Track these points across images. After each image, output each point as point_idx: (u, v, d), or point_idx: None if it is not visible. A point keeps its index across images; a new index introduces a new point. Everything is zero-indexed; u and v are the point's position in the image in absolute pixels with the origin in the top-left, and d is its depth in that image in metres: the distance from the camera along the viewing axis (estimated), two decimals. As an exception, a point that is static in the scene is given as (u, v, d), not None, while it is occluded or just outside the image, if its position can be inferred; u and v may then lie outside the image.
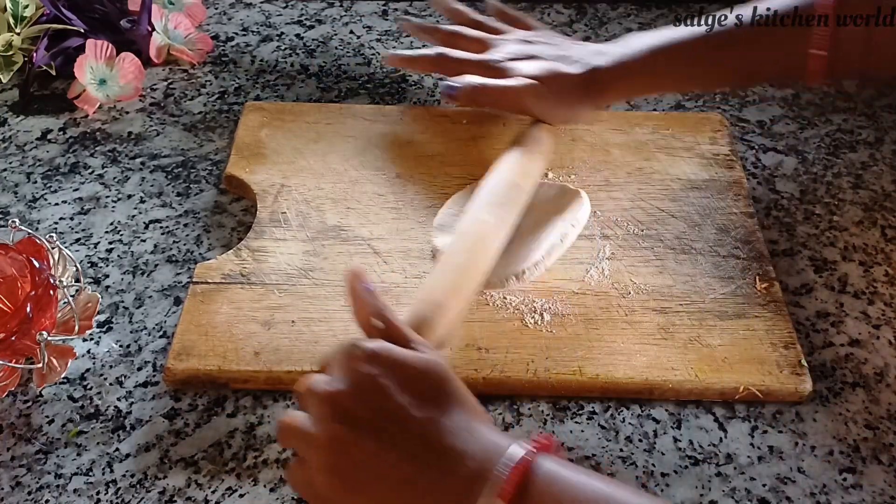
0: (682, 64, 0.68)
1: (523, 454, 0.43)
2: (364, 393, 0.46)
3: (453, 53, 0.75)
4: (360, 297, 0.51)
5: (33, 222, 0.71)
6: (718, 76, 0.71)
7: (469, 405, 0.46)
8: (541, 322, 0.62)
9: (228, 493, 0.54)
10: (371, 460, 0.44)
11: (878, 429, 0.58)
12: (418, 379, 0.46)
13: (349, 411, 0.46)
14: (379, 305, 0.51)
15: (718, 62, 0.68)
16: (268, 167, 0.74)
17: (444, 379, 0.47)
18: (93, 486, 0.55)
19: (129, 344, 0.63)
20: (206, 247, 0.70)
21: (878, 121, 0.82)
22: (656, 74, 0.69)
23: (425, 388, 0.46)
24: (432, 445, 0.44)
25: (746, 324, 0.62)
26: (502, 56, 0.73)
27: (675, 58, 0.68)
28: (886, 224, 0.72)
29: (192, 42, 0.88)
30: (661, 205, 0.71)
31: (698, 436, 0.58)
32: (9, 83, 0.85)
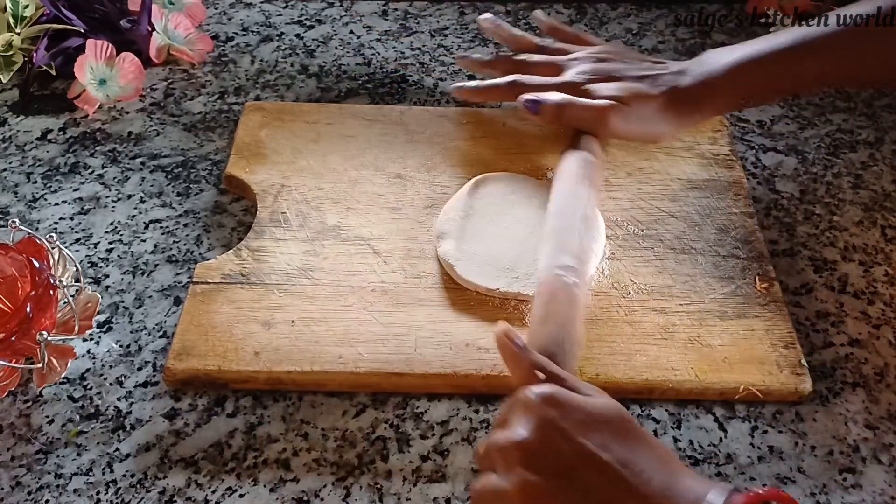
0: (767, 76, 0.67)
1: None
2: (548, 436, 0.45)
3: (528, 79, 0.72)
4: (514, 354, 0.51)
5: (33, 222, 0.71)
6: (804, 84, 0.71)
7: (656, 446, 0.46)
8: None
9: (228, 493, 0.54)
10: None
11: (878, 429, 0.58)
12: (600, 421, 0.46)
13: (536, 457, 0.45)
14: (536, 359, 0.50)
15: (803, 71, 0.67)
16: (268, 167, 0.74)
17: (626, 420, 0.46)
18: (93, 486, 0.55)
19: (129, 344, 0.63)
20: (206, 247, 0.70)
21: (878, 121, 0.82)
22: (743, 89, 0.68)
23: (608, 430, 0.45)
24: (623, 486, 0.44)
25: (746, 324, 0.62)
26: (579, 77, 0.71)
27: (759, 71, 0.67)
28: (886, 224, 0.72)
29: (192, 42, 0.88)
30: (661, 205, 0.71)
31: (698, 436, 0.58)
32: (9, 83, 0.85)
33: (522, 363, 0.50)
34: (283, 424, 0.58)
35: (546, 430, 0.46)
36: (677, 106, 0.68)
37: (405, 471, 0.56)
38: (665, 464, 0.45)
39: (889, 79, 0.78)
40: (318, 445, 0.57)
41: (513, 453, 0.46)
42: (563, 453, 0.45)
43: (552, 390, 0.47)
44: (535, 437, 0.46)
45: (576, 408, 0.46)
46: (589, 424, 0.45)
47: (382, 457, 0.56)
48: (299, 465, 0.56)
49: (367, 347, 0.60)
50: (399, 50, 0.91)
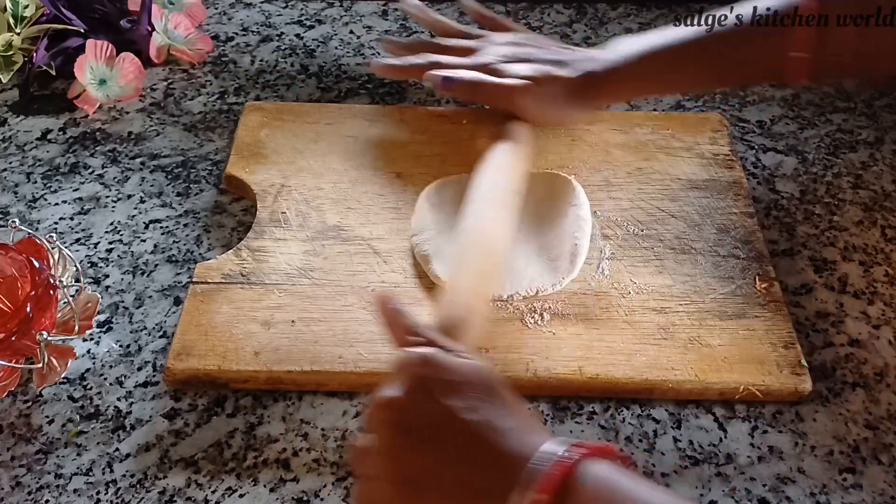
0: (672, 67, 0.69)
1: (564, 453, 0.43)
2: (418, 397, 0.46)
3: (445, 60, 0.75)
4: (393, 318, 0.52)
5: (33, 222, 0.71)
6: (707, 78, 0.72)
7: (517, 408, 0.47)
8: (541, 322, 0.62)
9: (228, 493, 0.54)
10: (429, 465, 0.45)
11: (878, 429, 0.58)
12: (469, 383, 0.47)
13: (403, 415, 0.46)
14: (413, 322, 0.52)
15: (706, 65, 0.68)
16: (268, 167, 0.74)
17: (492, 383, 0.47)
18: (93, 486, 0.55)
19: (129, 344, 0.63)
20: (206, 247, 0.70)
21: (878, 121, 0.82)
22: (647, 79, 0.70)
23: (476, 392, 0.46)
24: (483, 447, 0.44)
25: (746, 324, 0.62)
26: (494, 58, 0.73)
27: (664, 62, 0.68)
28: (886, 224, 0.72)
29: (192, 42, 0.88)
30: (661, 205, 0.71)
31: (698, 436, 0.58)
32: (9, 83, 0.85)
33: (398, 327, 0.52)
34: (283, 424, 0.58)
35: (415, 389, 0.47)
36: (585, 90, 0.70)
37: (405, 471, 0.56)
38: (526, 428, 0.46)
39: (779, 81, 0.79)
40: (318, 445, 0.57)
41: (382, 411, 0.47)
42: (429, 412, 0.46)
43: (426, 352, 0.48)
44: (404, 395, 0.47)
45: (447, 369, 0.47)
46: (458, 385, 0.46)
47: (382, 457, 0.56)
48: (299, 465, 0.56)
49: (367, 347, 0.60)
50: (399, 50, 0.91)
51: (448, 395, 0.46)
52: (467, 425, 0.45)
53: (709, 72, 0.69)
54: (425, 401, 0.46)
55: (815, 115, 0.83)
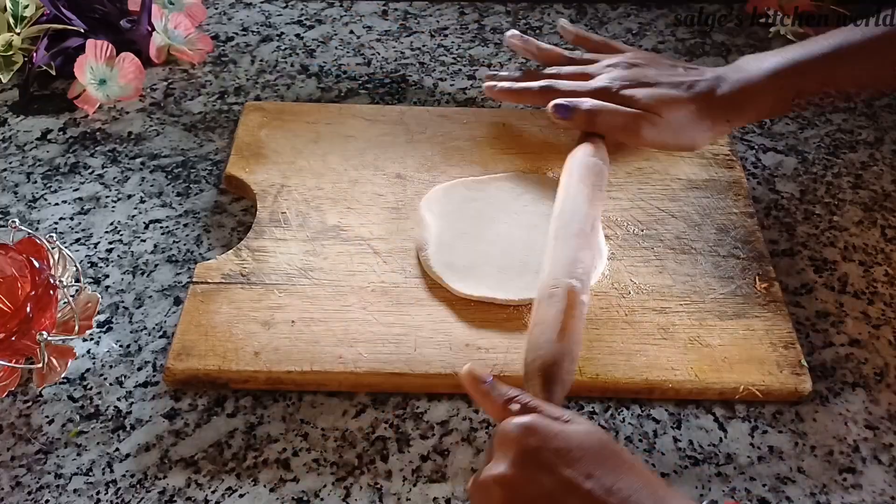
0: (805, 82, 0.67)
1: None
2: (529, 469, 0.45)
3: (561, 84, 0.71)
4: (484, 392, 0.50)
5: (33, 222, 0.71)
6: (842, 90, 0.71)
7: (640, 470, 0.45)
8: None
9: (228, 493, 0.54)
10: None
11: (878, 429, 0.58)
12: (581, 448, 0.45)
13: (517, 490, 0.45)
14: (509, 393, 0.50)
15: (841, 77, 0.67)
16: (268, 167, 0.74)
17: (608, 446, 0.46)
18: (93, 486, 0.55)
19: (129, 344, 0.63)
20: (206, 247, 0.70)
21: (878, 121, 0.82)
22: (780, 96, 0.67)
23: (590, 458, 0.45)
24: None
25: (746, 324, 0.62)
26: (613, 83, 0.69)
27: (797, 78, 0.66)
28: (886, 224, 0.72)
29: (192, 42, 0.88)
30: (661, 205, 0.71)
31: (698, 436, 0.58)
32: (9, 83, 0.85)
33: (495, 399, 0.50)
34: (283, 424, 0.58)
35: (525, 461, 0.45)
36: (712, 112, 0.67)
37: (405, 471, 0.56)
38: (650, 486, 0.44)
39: None
40: (318, 445, 0.57)
41: (494, 489, 0.45)
42: (543, 484, 0.44)
43: (531, 420, 0.46)
44: (515, 470, 0.45)
45: (555, 436, 0.45)
46: (570, 452, 0.45)
47: (382, 457, 0.56)
48: (299, 465, 0.56)
49: (367, 347, 0.60)
50: (399, 50, 0.91)
51: (561, 464, 0.44)
52: (588, 494, 0.43)
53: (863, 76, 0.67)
54: (537, 474, 0.44)
55: (815, 115, 0.83)
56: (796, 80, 0.66)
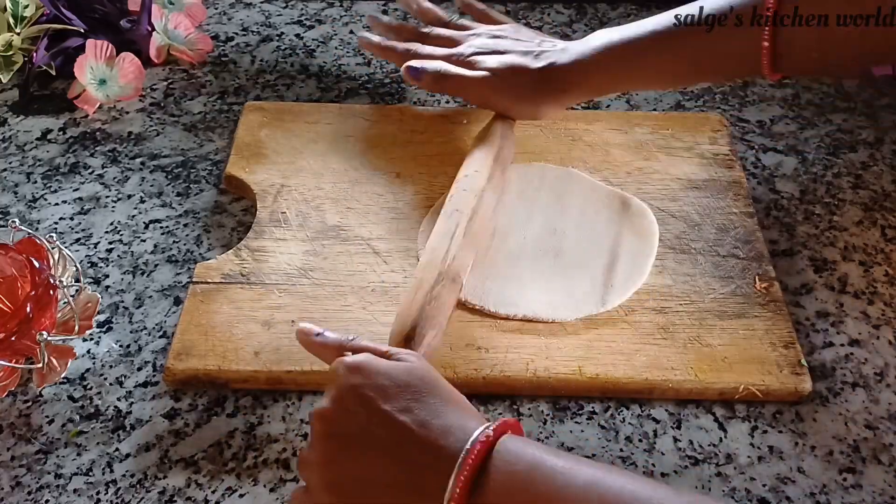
0: (634, 62, 0.67)
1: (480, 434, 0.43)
2: (349, 406, 0.47)
3: (422, 49, 0.75)
4: (319, 344, 0.53)
5: (33, 222, 0.71)
6: (674, 72, 0.69)
7: (454, 404, 0.47)
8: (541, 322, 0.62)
9: (228, 493, 0.54)
10: (362, 470, 0.46)
11: (878, 429, 0.58)
12: (400, 385, 0.47)
13: (337, 426, 0.47)
14: (340, 340, 0.52)
15: (669, 59, 0.67)
16: (268, 167, 0.74)
17: (426, 381, 0.47)
18: (93, 486, 0.55)
19: (129, 344, 0.63)
20: (206, 247, 0.70)
21: (878, 121, 0.82)
22: (610, 72, 0.68)
23: (409, 393, 0.46)
24: (418, 446, 0.45)
25: (746, 323, 0.62)
26: (470, 50, 0.73)
27: (627, 56, 0.67)
28: (886, 224, 0.72)
29: (192, 42, 0.88)
30: (661, 205, 0.71)
31: (698, 436, 0.58)
32: (9, 83, 0.85)
33: (326, 348, 0.52)
34: (283, 424, 0.58)
35: (345, 397, 0.47)
36: (550, 83, 0.69)
37: (405, 471, 0.56)
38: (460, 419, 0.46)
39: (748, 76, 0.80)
40: (318, 445, 0.57)
41: (315, 423, 0.48)
42: (359, 418, 0.46)
43: (357, 359, 0.49)
44: (335, 405, 0.47)
45: (378, 373, 0.47)
46: (389, 388, 0.46)
47: (382, 457, 0.56)
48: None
49: (367, 347, 0.60)
50: (399, 50, 0.91)
51: (379, 399, 0.46)
52: (401, 427, 0.45)
53: (675, 65, 0.67)
54: (355, 408, 0.47)
55: (815, 115, 0.83)
56: (623, 60, 0.67)
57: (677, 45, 0.65)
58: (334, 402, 0.48)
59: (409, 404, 0.46)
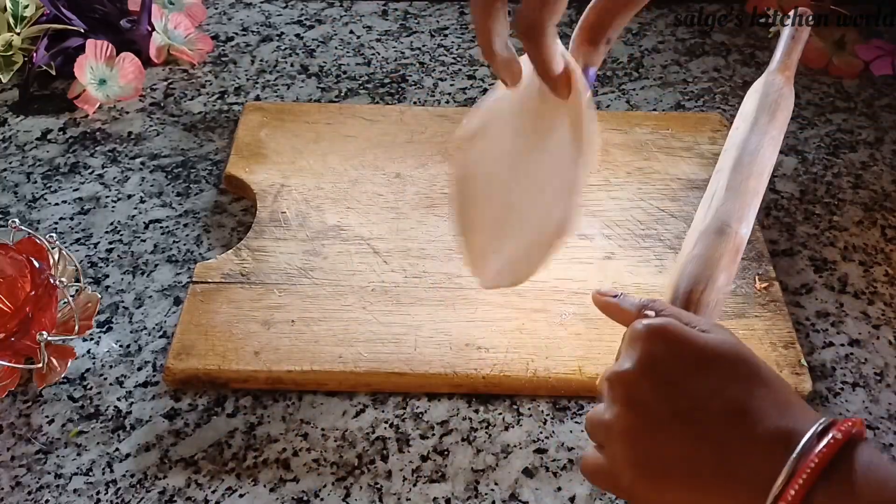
0: None
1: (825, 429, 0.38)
2: (653, 375, 0.42)
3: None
4: (619, 308, 0.48)
5: (33, 222, 0.71)
6: None
7: (777, 387, 0.42)
8: (541, 322, 0.62)
9: (228, 493, 0.54)
10: (673, 451, 0.41)
11: (878, 429, 0.58)
12: (712, 359, 0.42)
13: (640, 396, 0.42)
14: (641, 302, 0.47)
15: None
16: (268, 167, 0.74)
17: (742, 359, 0.42)
18: (93, 486, 0.55)
19: (129, 344, 0.63)
20: (206, 247, 0.70)
21: (878, 121, 0.82)
22: None
23: (722, 371, 0.42)
24: (736, 432, 0.40)
25: (746, 323, 0.62)
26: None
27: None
28: (886, 224, 0.72)
29: (192, 42, 0.88)
30: (661, 205, 0.71)
31: (698, 436, 0.58)
32: (9, 83, 0.85)
33: (628, 310, 0.47)
34: (283, 424, 0.58)
35: (650, 366, 0.42)
36: None
37: (405, 471, 0.56)
38: (783, 405, 0.41)
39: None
40: (318, 445, 0.57)
41: (616, 387, 0.43)
42: (667, 396, 0.41)
43: (662, 321, 0.43)
44: (638, 371, 0.42)
45: (686, 342, 0.42)
46: (699, 363, 0.42)
47: (382, 457, 0.56)
48: (299, 465, 0.56)
49: (366, 347, 0.60)
50: (399, 50, 0.91)
51: (691, 374, 0.41)
52: (715, 414, 0.40)
53: None
54: (664, 382, 0.42)
55: (815, 115, 0.83)
56: None
57: None
58: (639, 367, 0.42)
59: (724, 384, 0.41)
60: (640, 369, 0.42)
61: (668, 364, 0.42)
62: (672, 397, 0.41)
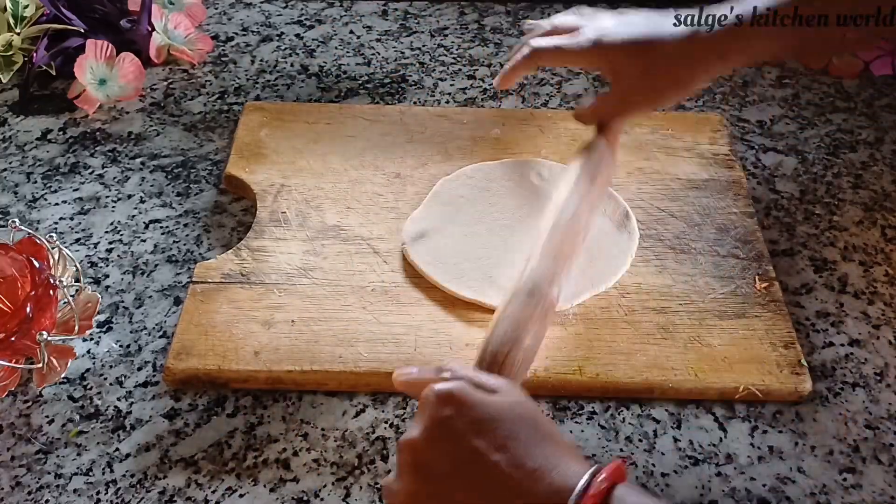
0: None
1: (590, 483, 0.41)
2: (438, 439, 0.44)
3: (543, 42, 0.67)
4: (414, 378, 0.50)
5: (33, 222, 0.71)
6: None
7: (551, 441, 0.44)
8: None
9: (228, 493, 0.54)
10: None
11: (878, 429, 0.58)
12: (495, 419, 0.44)
13: (424, 459, 0.45)
14: (435, 368, 0.49)
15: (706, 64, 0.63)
16: (268, 167, 0.74)
17: (524, 418, 0.45)
18: (93, 486, 0.55)
19: (129, 344, 0.63)
20: (206, 247, 0.70)
21: (878, 121, 0.82)
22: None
23: (505, 429, 0.44)
24: (512, 489, 0.42)
25: (746, 323, 0.62)
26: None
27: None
28: (886, 224, 0.72)
29: (192, 42, 0.88)
30: (661, 205, 0.71)
31: (698, 436, 0.58)
32: (9, 83, 0.85)
33: (425, 380, 0.48)
34: (283, 424, 0.58)
35: (436, 428, 0.45)
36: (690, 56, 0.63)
37: (405, 471, 0.56)
38: (558, 459, 0.43)
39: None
40: (318, 445, 0.57)
41: (403, 453, 0.46)
42: (450, 454, 0.44)
43: (450, 387, 0.45)
44: (424, 436, 0.45)
45: (473, 406, 0.44)
46: (483, 423, 0.44)
47: (382, 457, 0.56)
48: (299, 465, 0.56)
49: (366, 347, 0.60)
50: (399, 50, 0.91)
51: (471, 435, 0.43)
52: (494, 466, 0.42)
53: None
54: (448, 442, 0.44)
55: (815, 115, 0.83)
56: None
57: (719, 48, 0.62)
58: (424, 433, 0.45)
59: (504, 442, 0.43)
60: (426, 434, 0.45)
61: (452, 426, 0.44)
62: (454, 457, 0.44)
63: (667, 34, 0.62)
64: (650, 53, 0.62)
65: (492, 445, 0.43)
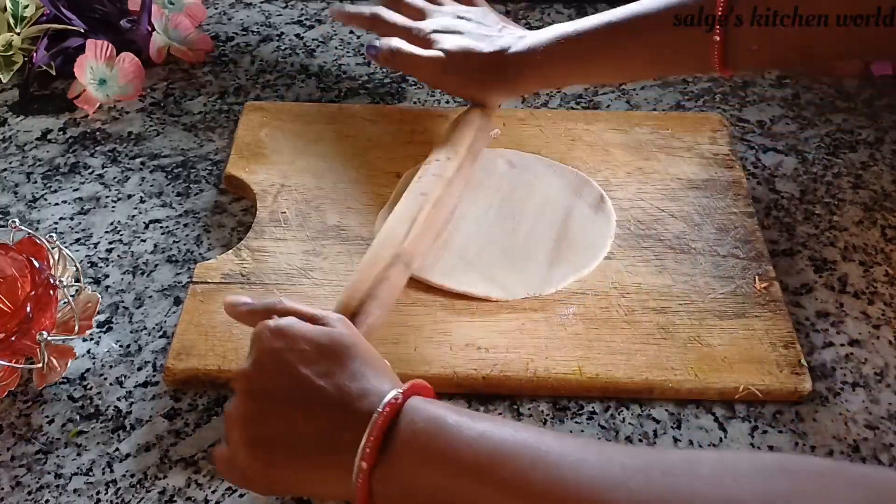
0: (587, 56, 0.67)
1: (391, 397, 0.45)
2: (271, 367, 0.48)
3: (388, 16, 0.75)
4: (244, 312, 0.54)
5: (33, 222, 0.71)
6: (624, 68, 0.69)
7: (369, 363, 0.48)
8: (541, 322, 0.62)
9: (228, 493, 0.54)
10: (281, 428, 0.47)
11: (878, 429, 0.58)
12: (321, 350, 0.48)
13: (258, 386, 0.48)
14: (266, 304, 0.53)
15: (622, 54, 0.66)
16: (268, 167, 0.74)
17: (347, 346, 0.48)
18: (93, 486, 0.55)
19: (129, 344, 0.63)
20: (206, 247, 0.70)
21: (878, 121, 0.82)
22: (562, 64, 0.68)
23: (330, 358, 0.48)
24: (335, 408, 0.46)
25: (746, 323, 0.62)
26: (430, 27, 0.73)
27: (580, 49, 0.66)
28: (886, 224, 0.72)
29: (192, 42, 0.88)
30: (661, 205, 0.71)
31: (698, 436, 0.58)
32: (9, 83, 0.85)
33: (255, 314, 0.53)
34: (283, 424, 0.58)
35: (267, 359, 0.48)
36: (498, 71, 0.69)
37: (405, 471, 0.56)
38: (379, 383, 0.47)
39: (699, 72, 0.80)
40: (318, 445, 0.57)
41: (238, 381, 0.49)
42: (280, 381, 0.48)
43: (281, 323, 0.49)
44: (256, 366, 0.49)
45: (301, 337, 0.48)
46: (311, 353, 0.48)
47: (382, 457, 0.56)
48: (299, 465, 0.56)
49: (366, 347, 0.60)
50: (399, 50, 0.90)
51: (299, 364, 0.47)
52: (318, 390, 0.46)
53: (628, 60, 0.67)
54: (275, 371, 0.48)
55: (815, 115, 0.83)
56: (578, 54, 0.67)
57: (632, 39, 0.65)
58: (255, 364, 0.49)
59: (329, 368, 0.47)
60: (259, 364, 0.49)
61: (282, 357, 0.48)
62: (284, 385, 0.47)
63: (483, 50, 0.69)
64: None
65: (317, 372, 0.47)
